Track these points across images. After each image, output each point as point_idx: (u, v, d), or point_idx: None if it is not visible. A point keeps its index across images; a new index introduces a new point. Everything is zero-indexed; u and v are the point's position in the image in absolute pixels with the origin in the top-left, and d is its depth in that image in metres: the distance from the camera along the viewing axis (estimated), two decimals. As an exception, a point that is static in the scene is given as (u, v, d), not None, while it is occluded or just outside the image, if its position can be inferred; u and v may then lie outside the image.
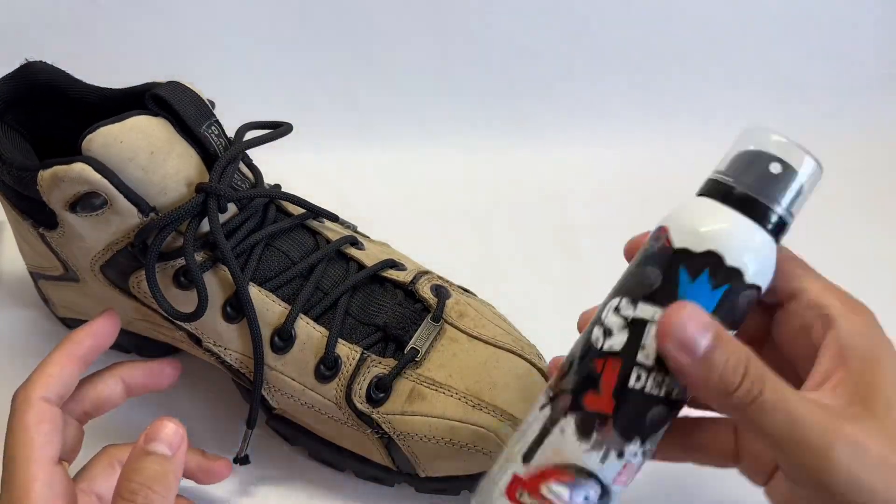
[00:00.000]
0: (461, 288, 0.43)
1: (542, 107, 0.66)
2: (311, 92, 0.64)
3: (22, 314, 0.49)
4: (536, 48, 0.66)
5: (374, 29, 0.64)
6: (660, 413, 0.28)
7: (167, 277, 0.37)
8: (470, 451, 0.37)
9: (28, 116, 0.41)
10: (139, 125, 0.34)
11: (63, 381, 0.34)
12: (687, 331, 0.26)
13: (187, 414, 0.40)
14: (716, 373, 0.26)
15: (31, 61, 0.40)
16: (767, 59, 0.69)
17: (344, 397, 0.37)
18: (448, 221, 0.58)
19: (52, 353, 0.35)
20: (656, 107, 0.67)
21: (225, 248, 0.36)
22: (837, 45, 0.69)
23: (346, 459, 0.40)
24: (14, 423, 0.33)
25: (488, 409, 0.37)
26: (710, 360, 0.26)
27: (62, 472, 0.32)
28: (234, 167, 0.37)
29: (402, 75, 0.65)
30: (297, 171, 0.51)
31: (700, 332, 0.26)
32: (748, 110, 0.68)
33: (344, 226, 0.43)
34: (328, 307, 0.38)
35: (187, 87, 0.36)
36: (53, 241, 0.38)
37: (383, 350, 0.38)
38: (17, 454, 0.32)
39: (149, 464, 0.30)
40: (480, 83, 0.66)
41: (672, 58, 0.67)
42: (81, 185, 0.34)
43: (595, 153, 0.63)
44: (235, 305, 0.37)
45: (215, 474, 0.38)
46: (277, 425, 0.41)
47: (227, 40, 0.63)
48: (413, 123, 0.65)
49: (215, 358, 0.39)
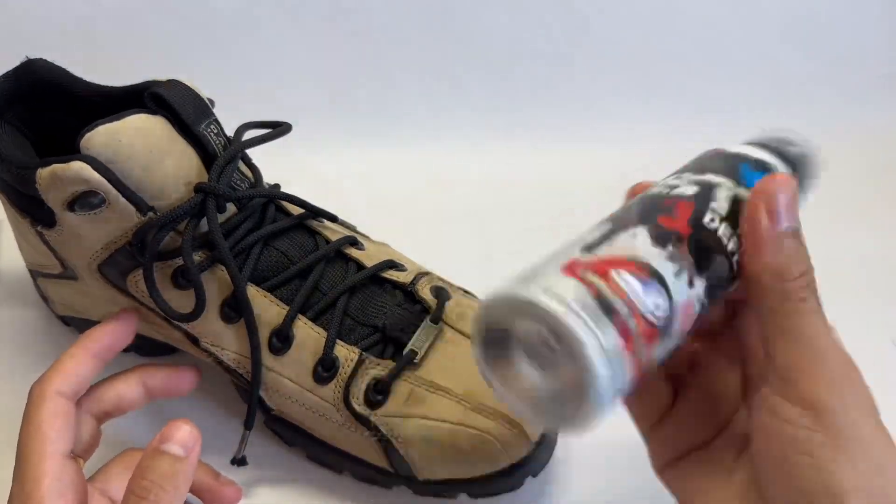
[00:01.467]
0: (461, 289, 0.43)
1: (543, 106, 0.66)
2: (310, 92, 0.64)
3: (21, 312, 0.49)
4: (536, 47, 0.66)
5: (373, 29, 0.64)
6: (723, 268, 0.28)
7: (165, 277, 0.37)
8: (468, 454, 0.37)
9: (28, 114, 0.41)
10: (138, 124, 0.34)
11: (79, 376, 0.35)
12: (781, 201, 0.27)
13: (185, 414, 0.40)
14: (783, 253, 0.27)
15: (31, 59, 0.40)
16: (768, 59, 0.69)
17: (342, 399, 0.37)
18: (448, 222, 0.58)
19: (70, 348, 0.36)
20: (657, 106, 0.67)
21: (223, 247, 0.36)
22: (838, 45, 0.69)
23: (343, 461, 0.40)
24: (28, 417, 0.33)
25: (487, 412, 0.36)
26: (784, 241, 0.27)
27: (74, 467, 0.33)
28: (233, 167, 0.37)
29: (402, 75, 0.65)
30: (296, 170, 0.50)
31: (789, 211, 0.27)
32: (748, 110, 0.68)
33: (343, 226, 0.43)
34: (326, 307, 0.38)
35: (187, 85, 0.36)
36: (52, 239, 0.38)
37: (382, 351, 0.38)
38: (29, 447, 0.32)
39: (162, 463, 0.30)
40: (481, 83, 0.66)
41: (672, 57, 0.68)
42: (80, 183, 0.34)
43: (596, 153, 0.63)
44: (233, 306, 0.37)
45: (224, 499, 0.38)
46: (275, 426, 0.41)
47: (227, 40, 0.63)
48: (413, 123, 0.65)
49: (213, 358, 0.39)
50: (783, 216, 0.27)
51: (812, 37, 0.69)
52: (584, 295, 0.24)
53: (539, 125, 0.66)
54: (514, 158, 0.64)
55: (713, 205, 0.28)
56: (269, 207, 0.39)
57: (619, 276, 0.25)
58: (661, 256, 0.26)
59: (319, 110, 0.64)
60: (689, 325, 0.27)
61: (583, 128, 0.65)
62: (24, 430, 0.33)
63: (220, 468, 0.39)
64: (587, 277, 0.24)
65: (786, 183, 0.27)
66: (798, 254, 0.27)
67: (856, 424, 0.26)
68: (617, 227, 0.27)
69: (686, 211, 0.27)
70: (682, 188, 0.28)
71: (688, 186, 0.28)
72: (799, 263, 0.27)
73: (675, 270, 0.26)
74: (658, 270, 0.25)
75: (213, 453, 0.39)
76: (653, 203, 0.28)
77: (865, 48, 0.70)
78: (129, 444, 0.38)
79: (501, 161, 0.63)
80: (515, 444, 0.37)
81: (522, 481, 0.38)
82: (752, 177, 0.29)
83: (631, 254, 0.25)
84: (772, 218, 0.27)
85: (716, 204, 0.28)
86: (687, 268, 0.26)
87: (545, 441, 0.38)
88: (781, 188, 0.27)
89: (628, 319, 0.24)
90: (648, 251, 0.26)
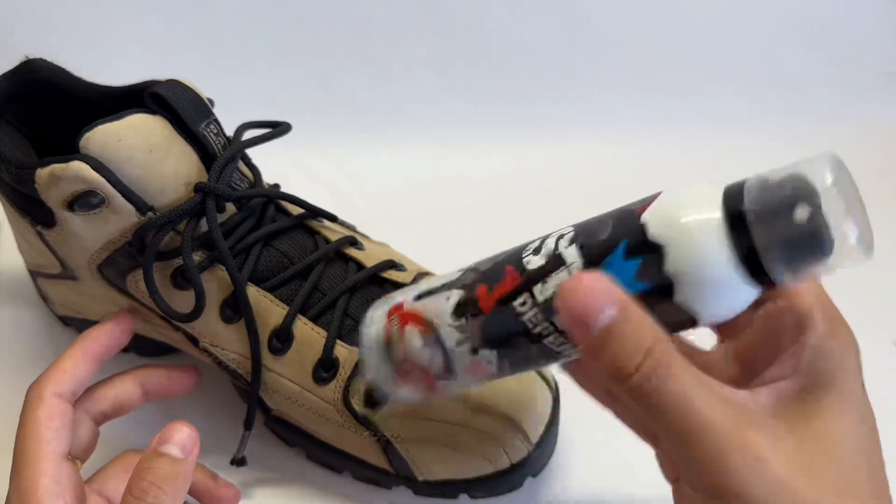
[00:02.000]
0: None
1: (543, 106, 0.66)
2: (310, 92, 0.64)
3: (21, 312, 0.49)
4: (536, 46, 0.66)
5: (373, 28, 0.64)
6: (526, 348, 0.27)
7: (165, 277, 0.37)
8: (468, 455, 0.37)
9: (27, 113, 0.41)
10: (138, 124, 0.34)
11: (76, 378, 0.35)
12: (589, 304, 0.23)
13: (185, 415, 0.40)
14: (610, 351, 0.23)
15: (30, 58, 0.40)
16: (768, 59, 0.69)
17: (342, 399, 0.37)
18: (448, 222, 0.58)
19: (68, 350, 0.36)
20: (657, 106, 0.67)
21: (223, 247, 0.36)
22: (838, 45, 0.69)
23: (343, 462, 0.40)
24: (25, 418, 0.33)
25: (487, 412, 0.36)
26: (609, 336, 0.23)
27: (71, 468, 0.33)
28: (232, 166, 0.37)
29: (402, 74, 0.65)
30: (296, 170, 0.50)
31: (605, 304, 0.23)
32: (749, 110, 0.68)
33: (343, 226, 0.43)
34: (326, 308, 0.38)
35: (186, 85, 0.36)
36: (51, 239, 0.38)
37: (382, 351, 0.38)
38: (26, 448, 0.32)
39: (161, 464, 0.30)
40: (480, 82, 0.66)
41: (673, 56, 0.67)
42: (79, 183, 0.34)
43: (596, 153, 0.63)
44: (233, 306, 0.37)
45: (222, 501, 0.38)
46: (275, 427, 0.41)
47: (227, 39, 0.63)
48: (413, 123, 0.65)
49: (212, 359, 0.39)
50: (593, 317, 0.23)
51: (813, 36, 0.69)
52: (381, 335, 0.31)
53: (539, 125, 0.66)
54: (514, 158, 0.64)
55: (538, 287, 0.26)
56: (269, 207, 0.39)
57: (409, 331, 0.30)
58: (451, 325, 0.29)
59: (319, 110, 0.64)
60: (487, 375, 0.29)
61: (583, 127, 0.65)
62: (21, 431, 0.33)
63: (220, 468, 0.39)
64: (391, 325, 0.31)
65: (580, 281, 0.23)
66: (630, 339, 0.23)
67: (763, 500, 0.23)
68: (450, 283, 0.30)
69: (505, 288, 0.27)
70: (537, 256, 0.27)
71: (539, 257, 0.27)
72: (636, 348, 0.23)
73: (458, 339, 0.29)
74: (440, 336, 0.29)
75: (212, 454, 0.39)
76: (498, 264, 0.28)
77: (867, 47, 0.70)
78: (127, 445, 0.38)
79: (501, 161, 0.63)
80: (515, 445, 0.37)
81: (522, 481, 0.38)
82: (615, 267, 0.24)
83: (429, 315, 0.29)
84: (582, 327, 0.23)
85: (540, 288, 0.26)
86: (473, 341, 0.28)
87: (545, 442, 0.38)
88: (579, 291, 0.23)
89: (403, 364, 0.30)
90: (443, 318, 0.29)
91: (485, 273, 0.29)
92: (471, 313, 0.28)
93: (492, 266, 0.29)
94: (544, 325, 0.26)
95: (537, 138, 0.65)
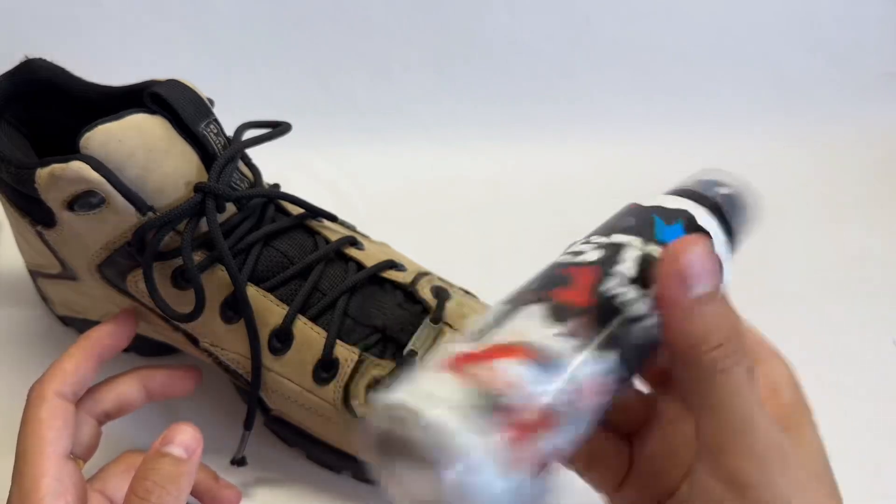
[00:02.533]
0: (461, 289, 0.43)
1: (543, 106, 0.66)
2: (310, 92, 0.64)
3: (21, 312, 0.49)
4: (536, 46, 0.66)
5: (373, 28, 0.64)
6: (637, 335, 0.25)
7: (165, 277, 0.37)
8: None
9: (27, 113, 0.41)
10: (137, 124, 0.34)
11: (78, 377, 0.35)
12: (691, 265, 0.24)
13: (185, 415, 0.40)
14: (699, 322, 0.24)
15: (30, 58, 0.40)
16: (768, 59, 0.69)
17: (342, 399, 0.37)
18: (448, 222, 0.58)
19: (70, 349, 0.36)
20: (657, 106, 0.67)
21: (223, 247, 0.36)
22: (838, 45, 0.69)
23: (343, 461, 0.40)
24: (27, 418, 0.33)
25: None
26: (699, 308, 0.24)
27: (73, 468, 0.33)
28: (232, 166, 0.37)
29: (402, 74, 0.65)
30: (296, 170, 0.50)
31: (703, 274, 0.24)
32: (749, 110, 0.68)
33: (343, 226, 0.43)
34: (326, 308, 0.38)
35: (186, 85, 0.36)
36: (51, 239, 0.38)
37: (382, 351, 0.38)
38: (28, 448, 0.32)
39: (164, 465, 0.30)
40: (480, 82, 0.66)
41: (673, 57, 0.68)
42: (79, 183, 0.34)
43: (596, 153, 0.63)
44: (233, 306, 0.37)
45: (223, 502, 0.38)
46: (275, 427, 0.41)
47: (227, 39, 0.63)
48: (413, 123, 0.65)
49: (213, 359, 0.39)
50: (695, 281, 0.24)
51: (813, 36, 0.69)
52: (464, 394, 0.22)
53: (539, 125, 0.66)
54: (514, 158, 0.64)
55: (619, 268, 0.25)
56: (269, 207, 0.39)
57: (504, 366, 0.22)
58: (558, 334, 0.24)
59: (319, 110, 0.64)
60: (605, 398, 0.24)
61: (583, 128, 0.65)
62: (23, 430, 0.33)
63: (220, 468, 0.39)
64: (470, 371, 0.22)
65: (696, 243, 0.24)
66: (717, 320, 0.24)
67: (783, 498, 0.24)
68: (514, 306, 0.25)
69: (587, 279, 0.25)
70: (587, 254, 0.26)
71: (593, 252, 0.26)
72: (718, 331, 0.24)
73: (575, 346, 0.24)
74: (553, 351, 0.23)
75: (212, 454, 0.39)
76: (551, 274, 0.26)
77: (867, 47, 0.70)
78: (129, 445, 0.38)
79: (501, 161, 0.63)
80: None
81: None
82: (667, 231, 0.27)
83: (520, 338, 0.23)
84: (682, 285, 0.24)
85: (622, 267, 0.25)
86: (590, 342, 0.24)
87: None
88: (691, 250, 0.24)
89: (516, 412, 0.22)
90: (541, 332, 0.24)
91: (543, 284, 0.26)
92: (573, 313, 0.24)
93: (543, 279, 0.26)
94: (645, 302, 0.25)
95: (537, 138, 0.65)
